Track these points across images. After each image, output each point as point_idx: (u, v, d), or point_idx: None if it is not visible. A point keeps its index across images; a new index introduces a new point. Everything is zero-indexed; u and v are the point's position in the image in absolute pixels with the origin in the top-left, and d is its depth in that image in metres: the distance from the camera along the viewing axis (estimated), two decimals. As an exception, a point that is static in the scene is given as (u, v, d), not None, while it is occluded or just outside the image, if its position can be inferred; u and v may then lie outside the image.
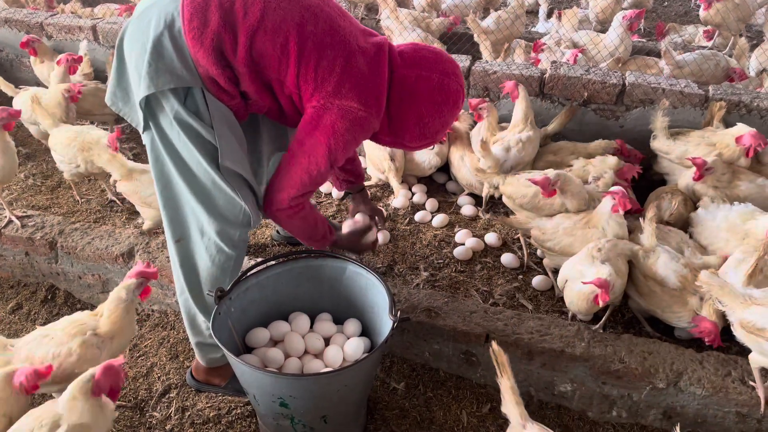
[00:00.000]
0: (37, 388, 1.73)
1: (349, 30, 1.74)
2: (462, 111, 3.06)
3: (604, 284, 2.00)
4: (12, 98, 3.34)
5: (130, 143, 3.58)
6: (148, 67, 1.66)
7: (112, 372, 1.64)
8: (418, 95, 1.78)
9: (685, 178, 2.62)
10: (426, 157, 3.01)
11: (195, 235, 1.91)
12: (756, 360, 1.90)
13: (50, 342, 1.90)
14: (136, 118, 1.81)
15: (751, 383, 1.94)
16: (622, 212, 2.26)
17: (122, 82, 1.81)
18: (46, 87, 3.55)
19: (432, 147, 2.95)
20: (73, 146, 2.80)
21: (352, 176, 2.36)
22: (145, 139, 1.82)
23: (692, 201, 2.62)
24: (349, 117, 1.71)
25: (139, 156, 3.44)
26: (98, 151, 2.73)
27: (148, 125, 1.77)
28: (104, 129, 3.08)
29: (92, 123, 3.51)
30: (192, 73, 1.68)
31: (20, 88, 3.37)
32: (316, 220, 2.00)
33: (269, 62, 1.68)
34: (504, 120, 3.06)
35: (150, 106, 1.74)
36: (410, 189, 3.09)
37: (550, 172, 2.46)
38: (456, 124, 3.04)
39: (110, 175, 2.79)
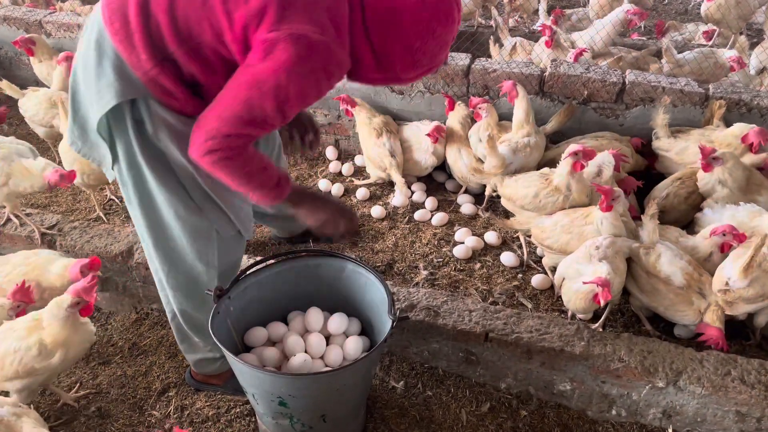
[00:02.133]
0: None
1: None
2: (458, 103, 3.05)
3: (605, 283, 1.99)
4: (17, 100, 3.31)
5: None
6: (95, 88, 1.55)
7: None
8: (398, 16, 1.45)
9: (702, 176, 2.51)
10: (423, 157, 3.01)
11: (175, 256, 1.88)
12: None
13: (13, 335, 1.93)
14: (98, 155, 1.72)
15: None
16: (617, 212, 2.25)
17: (78, 118, 1.68)
18: (46, 86, 3.55)
19: (429, 141, 2.94)
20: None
21: None
22: (116, 173, 1.72)
23: (700, 197, 2.59)
24: (302, 43, 1.38)
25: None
26: None
27: (116, 156, 1.68)
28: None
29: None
30: (131, 83, 1.52)
31: (26, 90, 3.34)
32: (262, 165, 1.58)
33: (200, 28, 1.45)
34: (503, 118, 3.05)
35: (111, 137, 1.63)
36: (410, 188, 3.09)
37: (545, 170, 2.46)
38: (451, 122, 3.04)
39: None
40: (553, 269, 2.47)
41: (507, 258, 2.64)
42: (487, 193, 2.92)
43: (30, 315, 2.00)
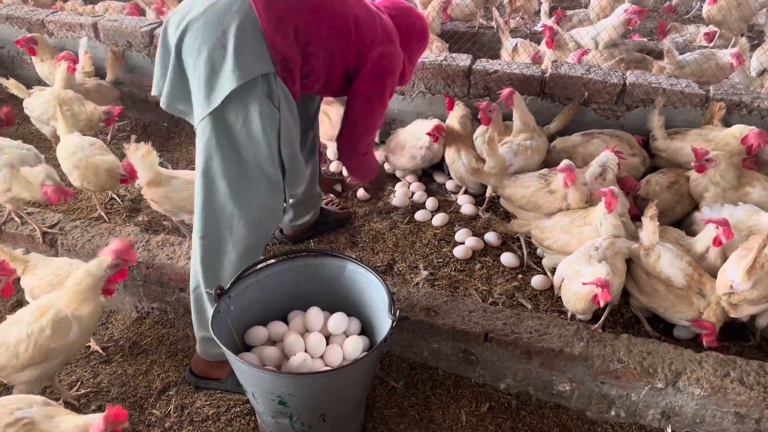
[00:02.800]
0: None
1: None
2: (457, 102, 3.06)
3: (605, 284, 2.00)
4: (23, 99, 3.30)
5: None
6: (235, 58, 1.77)
7: None
8: (408, 37, 2.23)
9: (695, 176, 2.53)
10: (418, 153, 3.03)
11: (225, 232, 1.97)
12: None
13: (21, 324, 1.94)
14: (187, 110, 1.97)
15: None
16: (616, 213, 2.25)
17: (179, 83, 1.91)
18: (48, 85, 3.55)
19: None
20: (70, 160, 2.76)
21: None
22: (200, 129, 1.89)
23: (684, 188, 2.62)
24: (393, 56, 2.13)
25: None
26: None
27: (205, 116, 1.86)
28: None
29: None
30: (269, 60, 1.84)
31: (32, 89, 3.34)
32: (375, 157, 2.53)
33: (337, 40, 1.98)
34: (506, 118, 3.05)
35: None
36: (409, 188, 3.09)
37: (545, 170, 2.48)
38: (450, 121, 3.05)
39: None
40: (553, 270, 2.47)
41: (507, 258, 2.64)
42: (487, 194, 2.92)
43: (36, 303, 2.00)
